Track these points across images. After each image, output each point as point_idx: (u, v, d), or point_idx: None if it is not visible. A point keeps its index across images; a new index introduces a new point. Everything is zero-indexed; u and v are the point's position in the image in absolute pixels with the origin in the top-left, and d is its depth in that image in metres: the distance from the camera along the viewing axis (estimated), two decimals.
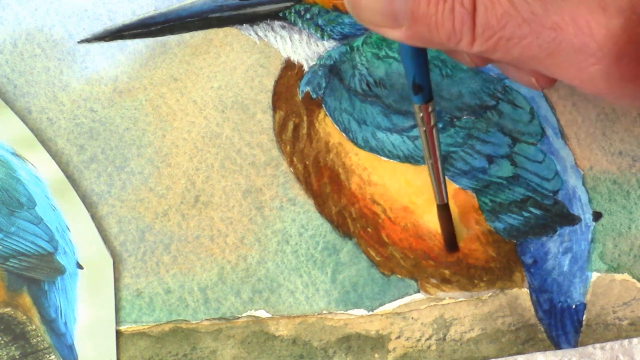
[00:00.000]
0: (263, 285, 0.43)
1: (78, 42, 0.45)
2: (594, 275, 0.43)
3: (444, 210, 0.41)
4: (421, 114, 0.36)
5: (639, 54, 0.31)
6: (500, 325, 0.42)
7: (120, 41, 0.45)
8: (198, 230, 0.44)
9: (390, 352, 0.42)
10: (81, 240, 0.43)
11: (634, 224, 0.43)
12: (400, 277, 0.43)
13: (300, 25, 0.44)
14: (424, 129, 0.37)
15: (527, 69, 0.35)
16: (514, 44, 0.32)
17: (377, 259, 0.43)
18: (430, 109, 0.36)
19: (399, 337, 0.43)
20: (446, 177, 0.43)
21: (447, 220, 0.41)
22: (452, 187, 0.43)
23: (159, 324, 0.43)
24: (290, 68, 0.44)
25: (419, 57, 0.34)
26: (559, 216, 0.43)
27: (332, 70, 0.44)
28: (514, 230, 0.43)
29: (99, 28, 0.45)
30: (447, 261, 0.43)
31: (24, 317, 0.43)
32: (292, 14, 0.44)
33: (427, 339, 0.43)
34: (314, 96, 0.44)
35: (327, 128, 0.44)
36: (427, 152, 0.38)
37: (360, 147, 0.43)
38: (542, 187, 0.43)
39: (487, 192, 0.43)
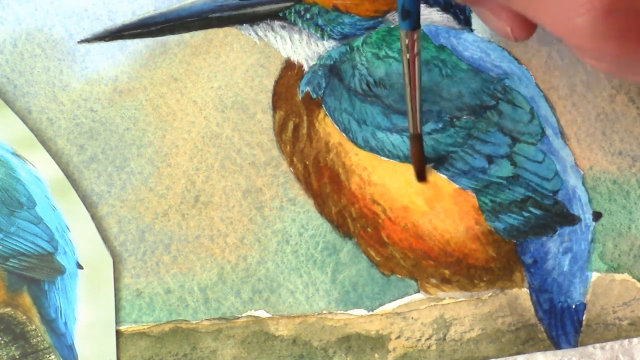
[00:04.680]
0: (263, 285, 0.43)
1: (78, 42, 0.45)
2: (594, 275, 0.43)
3: (417, 140, 0.41)
4: (407, 41, 0.36)
5: (628, 11, 0.31)
6: (500, 325, 0.42)
7: (120, 41, 0.45)
8: (198, 230, 0.44)
9: (390, 352, 0.42)
10: (81, 240, 0.43)
11: (634, 224, 0.43)
12: (400, 277, 0.43)
13: (300, 25, 0.44)
14: (408, 56, 0.37)
15: (505, 14, 0.35)
16: None
17: (377, 259, 0.43)
18: (415, 36, 0.36)
19: (399, 337, 0.43)
20: (446, 176, 0.43)
21: (419, 150, 0.42)
22: (452, 187, 0.43)
23: (159, 324, 0.43)
24: (290, 68, 0.44)
25: None
26: (559, 216, 0.43)
27: (332, 70, 0.44)
28: (514, 230, 0.43)
29: (99, 28, 0.45)
30: (447, 261, 0.43)
31: (24, 317, 0.43)
32: (292, 14, 0.44)
33: (427, 339, 0.43)
34: (314, 96, 0.44)
35: (327, 128, 0.44)
36: (407, 79, 0.38)
37: (360, 147, 0.43)
38: (542, 187, 0.43)
39: (487, 192, 0.43)
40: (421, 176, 0.43)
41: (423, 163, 0.42)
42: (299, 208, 0.44)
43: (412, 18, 0.36)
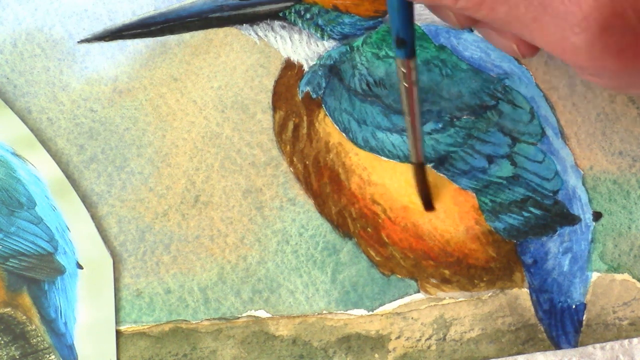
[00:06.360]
0: (263, 285, 0.43)
1: (78, 42, 0.45)
2: (594, 275, 0.43)
3: (419, 169, 0.41)
4: (403, 70, 0.36)
5: (624, 27, 0.31)
6: (500, 325, 0.42)
7: (120, 41, 0.45)
8: (198, 230, 0.44)
9: (390, 352, 0.42)
10: (81, 240, 0.43)
11: (634, 224, 0.43)
12: (400, 277, 0.43)
13: (300, 25, 0.44)
14: (405, 84, 0.36)
15: (509, 33, 0.35)
16: (501, 2, 0.31)
17: (377, 259, 0.43)
18: (412, 65, 0.35)
19: (399, 337, 0.43)
20: (446, 176, 0.43)
21: (423, 179, 0.41)
22: (452, 187, 0.43)
23: (159, 324, 0.43)
24: (290, 68, 0.44)
25: (404, 11, 0.34)
26: (559, 216, 0.43)
27: (332, 70, 0.44)
28: (514, 230, 0.43)
29: (99, 28, 0.45)
30: (447, 261, 0.43)
31: (24, 317, 0.43)
32: (292, 13, 0.44)
33: (427, 339, 0.43)
34: (314, 96, 0.44)
35: (327, 128, 0.44)
36: (406, 108, 0.37)
37: (360, 147, 0.43)
38: (542, 187, 0.43)
39: (487, 192, 0.43)
40: (428, 205, 0.42)
41: (429, 191, 0.42)
42: (299, 208, 0.44)
43: (407, 47, 0.35)
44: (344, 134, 0.43)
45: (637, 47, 0.31)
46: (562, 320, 0.42)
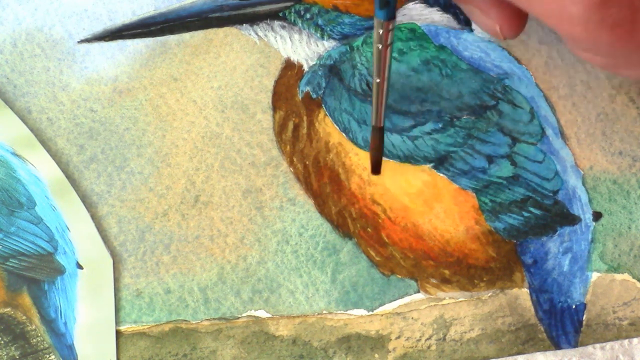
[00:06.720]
0: (263, 285, 0.43)
1: (78, 42, 0.45)
2: (594, 275, 0.43)
3: (379, 132, 0.41)
4: (381, 31, 0.36)
5: (622, 1, 0.31)
6: (500, 325, 0.42)
7: (120, 41, 0.45)
8: (198, 230, 0.43)
9: (390, 352, 0.42)
10: (81, 240, 0.43)
11: (634, 224, 0.43)
12: (400, 277, 0.43)
13: (300, 25, 0.44)
14: (381, 46, 0.37)
15: (494, 12, 0.35)
16: None
17: (377, 259, 0.43)
18: (391, 26, 0.36)
19: (399, 337, 0.43)
20: (446, 176, 0.43)
21: (380, 144, 0.41)
22: (452, 187, 0.43)
23: (159, 324, 0.43)
24: (290, 68, 0.44)
25: None
26: (559, 216, 0.43)
27: (332, 70, 0.44)
28: (514, 230, 0.43)
29: (99, 28, 0.45)
30: (447, 261, 0.43)
31: (24, 317, 0.43)
32: (292, 13, 0.44)
33: (427, 339, 0.43)
34: (314, 96, 0.44)
35: (327, 128, 0.44)
36: (377, 70, 0.38)
37: (360, 147, 0.43)
38: (542, 187, 0.43)
39: (487, 192, 0.43)
40: (376, 169, 0.42)
41: (380, 156, 0.42)
42: (299, 208, 0.44)
43: (389, 7, 0.35)
44: (344, 134, 0.43)
45: (633, 23, 0.31)
46: (562, 320, 0.42)
